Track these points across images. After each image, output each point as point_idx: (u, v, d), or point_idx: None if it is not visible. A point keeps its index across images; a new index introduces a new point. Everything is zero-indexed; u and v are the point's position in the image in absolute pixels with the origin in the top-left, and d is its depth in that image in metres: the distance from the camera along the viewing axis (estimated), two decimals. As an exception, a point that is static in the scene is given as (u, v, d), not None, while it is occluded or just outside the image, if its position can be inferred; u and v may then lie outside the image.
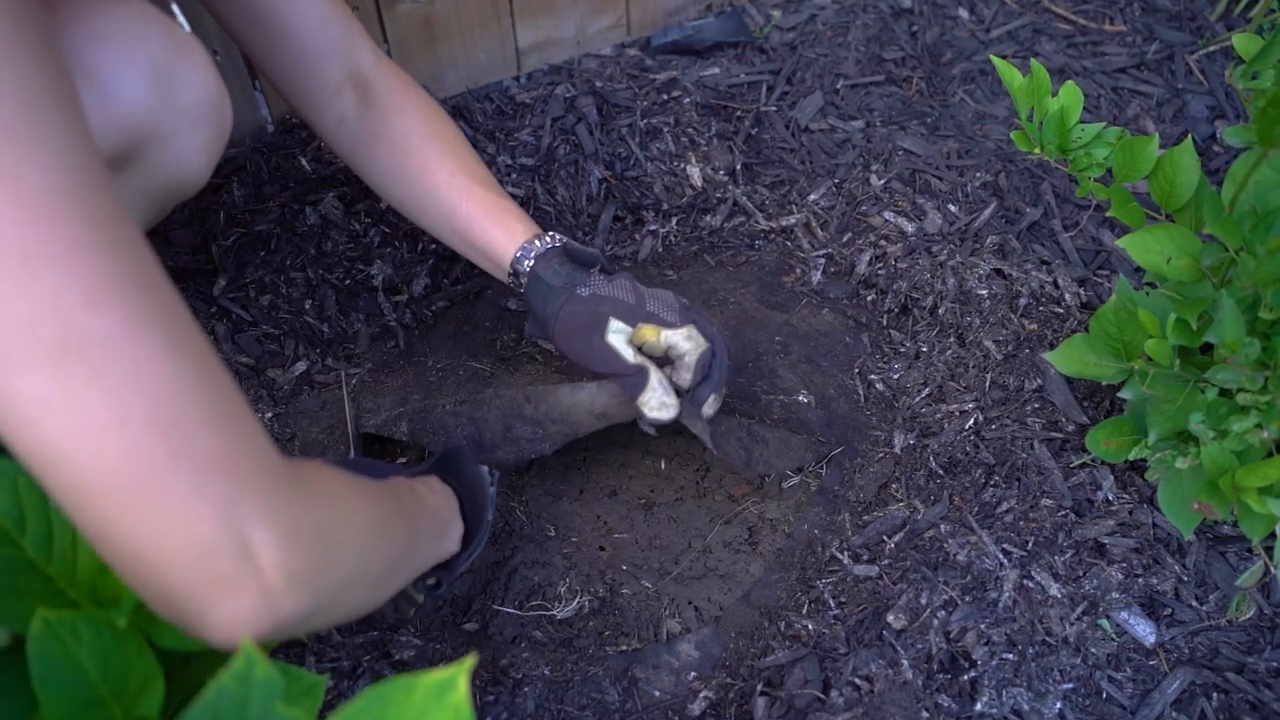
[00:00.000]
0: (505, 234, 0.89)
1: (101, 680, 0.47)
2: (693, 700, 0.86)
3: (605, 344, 0.84)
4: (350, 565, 0.54)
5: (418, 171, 0.90)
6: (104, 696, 0.47)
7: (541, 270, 0.87)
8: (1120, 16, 1.39)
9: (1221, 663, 0.83)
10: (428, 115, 0.93)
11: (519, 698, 0.86)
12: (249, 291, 1.10)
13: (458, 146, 0.93)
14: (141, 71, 0.66)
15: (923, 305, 1.09)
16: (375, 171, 0.93)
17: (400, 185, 0.92)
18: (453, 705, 0.42)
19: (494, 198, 0.91)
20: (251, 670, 0.45)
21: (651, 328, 0.84)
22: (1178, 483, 0.85)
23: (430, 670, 0.43)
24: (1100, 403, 0.99)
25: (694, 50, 1.35)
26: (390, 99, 0.91)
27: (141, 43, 0.66)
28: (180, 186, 0.76)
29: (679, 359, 0.85)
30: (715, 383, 0.86)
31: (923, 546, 0.91)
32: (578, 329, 0.85)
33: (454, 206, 0.90)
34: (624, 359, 0.84)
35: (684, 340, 0.84)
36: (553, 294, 0.86)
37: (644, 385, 0.83)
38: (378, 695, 0.43)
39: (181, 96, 0.69)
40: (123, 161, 0.69)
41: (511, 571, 0.97)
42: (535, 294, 0.88)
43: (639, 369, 0.84)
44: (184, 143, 0.71)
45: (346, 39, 0.88)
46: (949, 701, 0.81)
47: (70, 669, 0.46)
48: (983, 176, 1.19)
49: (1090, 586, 0.86)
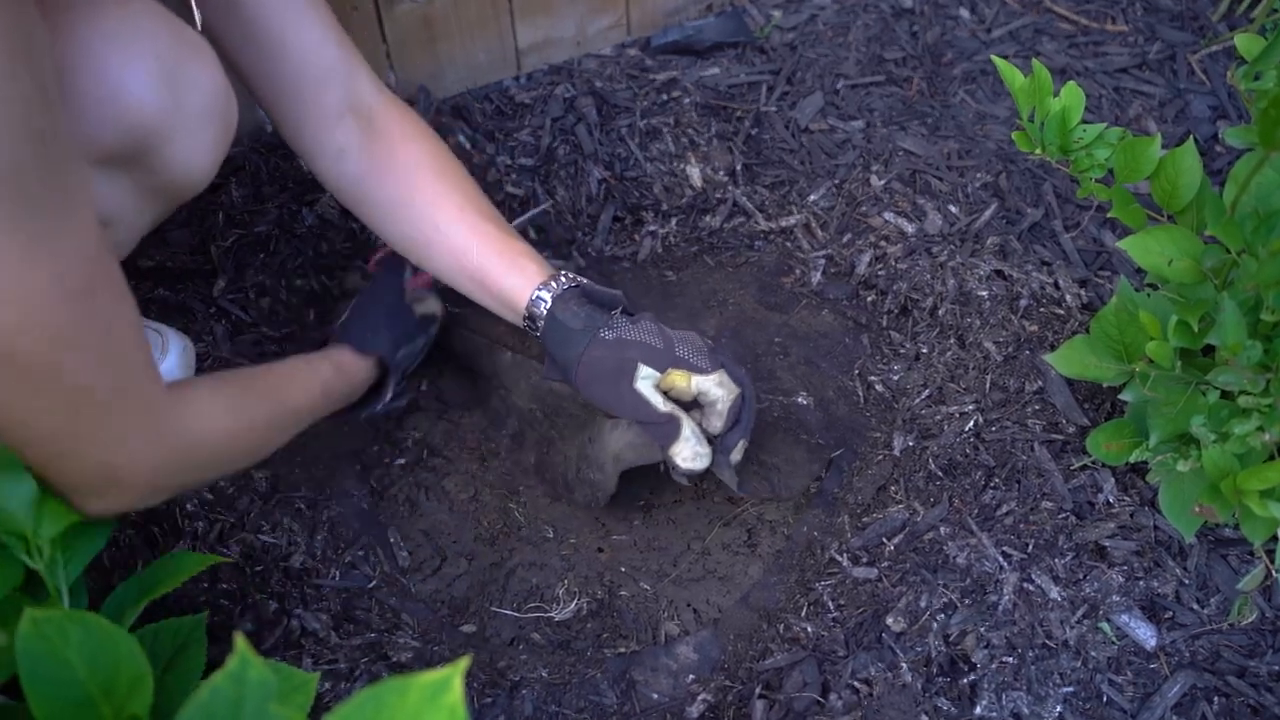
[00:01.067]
0: (520, 276, 0.85)
1: (90, 679, 0.47)
2: (691, 703, 0.86)
3: (634, 392, 0.82)
4: (209, 462, 0.71)
5: (425, 205, 0.87)
6: (94, 696, 0.47)
7: (560, 313, 0.84)
8: (1122, 16, 1.39)
9: (1223, 666, 0.83)
10: (434, 148, 0.89)
11: (516, 700, 0.86)
12: (248, 293, 1.10)
13: (464, 182, 0.89)
14: (150, 70, 0.66)
15: (923, 306, 1.09)
16: (379, 206, 0.89)
17: (406, 221, 0.88)
18: (447, 706, 0.41)
19: (506, 237, 0.87)
20: (245, 671, 0.44)
21: (682, 373, 0.82)
22: (1179, 485, 0.85)
23: (425, 671, 0.42)
24: (1101, 405, 0.99)
25: (694, 50, 1.34)
26: (395, 129, 0.87)
27: (150, 41, 0.67)
28: (186, 184, 0.76)
29: (709, 405, 0.83)
30: (744, 428, 0.84)
31: (922, 549, 0.90)
32: (603, 375, 0.83)
33: (464, 247, 0.86)
34: (655, 407, 0.82)
35: (716, 387, 0.82)
36: (573, 337, 0.83)
37: (677, 435, 0.82)
38: (372, 697, 0.42)
39: (189, 95, 0.69)
40: (131, 159, 0.69)
41: (509, 573, 0.96)
42: (554, 337, 0.84)
43: (670, 418, 0.82)
44: (191, 141, 0.71)
45: (346, 64, 0.85)
46: (948, 705, 0.80)
47: (59, 668, 0.46)
48: (983, 177, 1.18)
49: (1091, 589, 0.86)
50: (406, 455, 1.04)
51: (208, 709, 0.44)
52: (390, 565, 0.96)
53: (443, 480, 1.03)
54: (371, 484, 1.02)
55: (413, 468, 1.04)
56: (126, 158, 0.68)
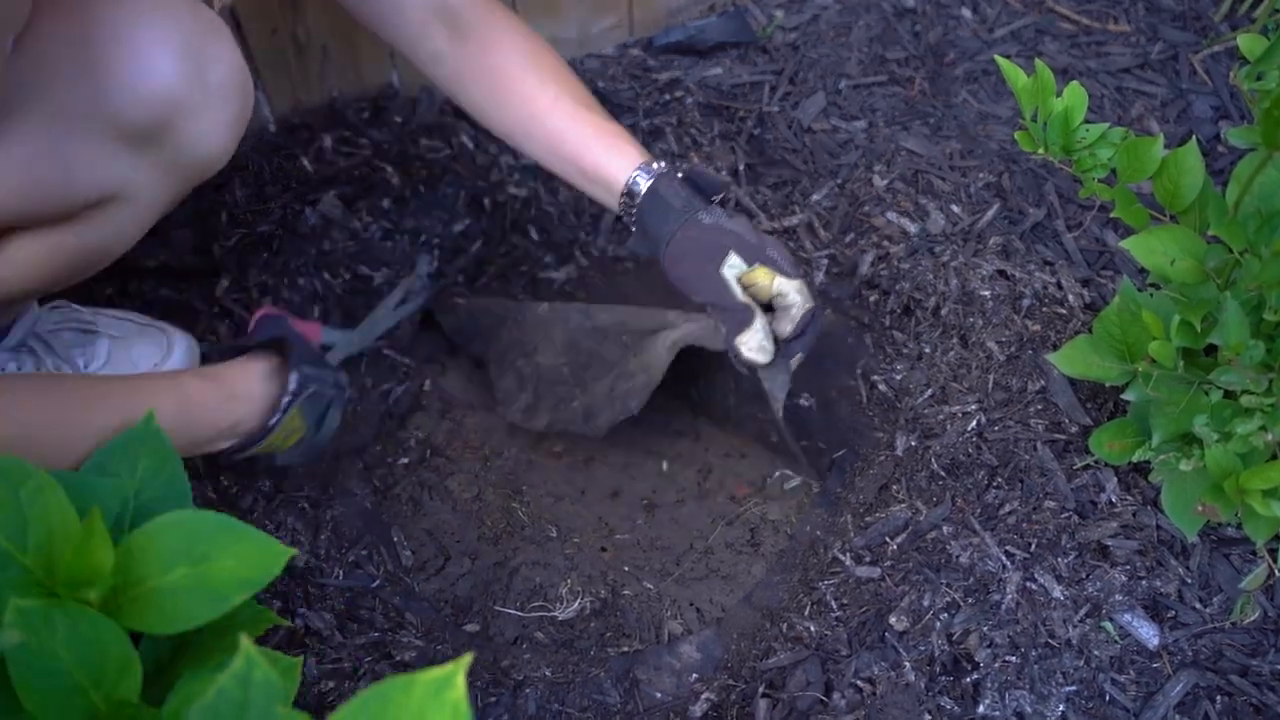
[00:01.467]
0: (619, 155, 0.87)
1: (78, 668, 0.47)
2: (694, 702, 0.86)
3: (719, 276, 0.83)
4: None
5: (521, 101, 0.89)
6: (82, 684, 0.47)
7: (663, 189, 0.85)
8: (1124, 16, 1.39)
9: (1225, 665, 0.83)
10: (524, 43, 0.91)
11: (520, 699, 0.86)
12: (251, 293, 1.10)
13: (559, 71, 0.91)
14: (177, 49, 0.70)
15: (925, 306, 1.09)
16: (477, 105, 0.91)
17: (504, 117, 0.91)
18: (451, 702, 0.42)
19: (602, 121, 0.89)
20: (251, 672, 0.44)
21: (767, 271, 0.83)
22: (1181, 485, 0.85)
23: (429, 669, 0.43)
24: (1104, 404, 0.99)
25: (696, 50, 1.34)
26: (482, 29, 0.89)
27: (174, 22, 0.71)
28: (206, 161, 0.79)
29: (784, 309, 0.84)
30: (806, 342, 0.85)
31: (925, 548, 0.91)
32: (694, 254, 0.84)
33: (561, 133, 0.88)
34: (734, 294, 0.83)
35: (796, 293, 0.83)
36: (671, 214, 0.84)
37: (749, 324, 0.83)
38: (376, 694, 0.42)
39: (210, 73, 0.73)
40: (155, 136, 0.72)
41: (513, 572, 0.97)
42: (652, 211, 0.85)
43: (746, 307, 0.83)
44: (212, 118, 0.75)
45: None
46: (951, 704, 0.81)
47: (46, 658, 0.46)
48: (986, 177, 1.18)
49: (1093, 589, 0.86)
50: (410, 455, 1.05)
51: (213, 710, 0.44)
52: (394, 564, 0.96)
53: (446, 480, 1.03)
54: (375, 483, 1.02)
55: (416, 467, 1.04)
56: (151, 134, 0.72)
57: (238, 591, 0.53)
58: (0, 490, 0.51)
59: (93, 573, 0.51)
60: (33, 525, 0.51)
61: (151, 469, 0.61)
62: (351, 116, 1.23)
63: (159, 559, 0.54)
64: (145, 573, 0.53)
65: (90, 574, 0.51)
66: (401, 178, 1.20)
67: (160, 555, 0.54)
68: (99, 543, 0.51)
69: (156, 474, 0.61)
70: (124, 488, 0.60)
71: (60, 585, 0.51)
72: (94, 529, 0.51)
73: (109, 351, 0.99)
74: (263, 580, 0.54)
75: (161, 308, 1.07)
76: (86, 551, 0.50)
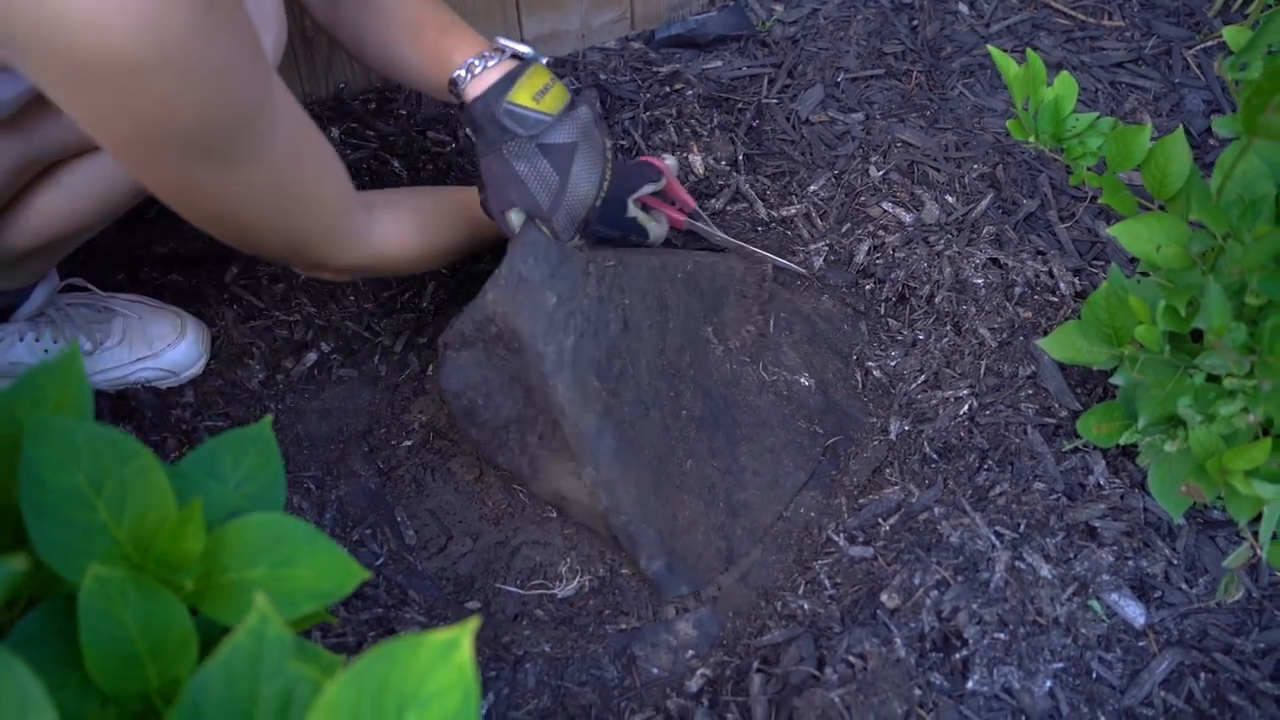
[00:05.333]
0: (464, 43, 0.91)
1: (140, 639, 0.49)
2: (690, 677, 0.88)
3: (505, 217, 0.93)
4: (398, 260, 0.93)
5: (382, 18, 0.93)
6: (141, 655, 0.49)
7: (478, 112, 0.90)
8: (1119, 12, 1.41)
9: (1210, 644, 0.85)
10: None
11: (520, 673, 0.88)
12: (260, 280, 1.12)
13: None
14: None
15: (920, 294, 1.11)
16: (348, 36, 0.95)
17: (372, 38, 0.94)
18: (457, 663, 0.43)
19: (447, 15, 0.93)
20: (265, 628, 0.46)
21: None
22: (1167, 466, 0.87)
23: (436, 629, 0.44)
24: (1093, 389, 1.01)
25: (697, 44, 1.36)
26: None
27: None
28: None
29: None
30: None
31: (917, 529, 0.93)
32: (491, 185, 0.94)
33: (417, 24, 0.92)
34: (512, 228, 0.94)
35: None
36: (481, 137, 0.91)
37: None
38: (385, 653, 0.44)
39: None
40: None
41: (513, 551, 0.99)
42: (472, 121, 0.92)
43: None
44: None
45: None
46: (941, 679, 0.83)
47: (114, 625, 0.48)
48: (980, 168, 1.20)
49: (1081, 568, 0.88)
50: (413, 437, 1.07)
51: (228, 663, 0.46)
52: (397, 543, 0.99)
53: (448, 461, 1.05)
54: (379, 464, 1.04)
55: (419, 449, 1.06)
56: None
57: (310, 600, 0.54)
58: (109, 463, 0.52)
59: (182, 558, 0.52)
60: (131, 501, 0.52)
61: (254, 468, 0.62)
62: (358, 109, 1.25)
63: (244, 554, 0.55)
64: (229, 564, 0.54)
65: (179, 559, 0.52)
66: (408, 170, 1.22)
67: (246, 551, 0.55)
68: (193, 530, 0.52)
69: (258, 473, 0.61)
70: (226, 487, 0.61)
71: (150, 564, 0.52)
72: (191, 517, 0.52)
73: (124, 329, 1.01)
74: (335, 595, 0.55)
75: (172, 294, 1.09)
76: (181, 536, 0.51)
